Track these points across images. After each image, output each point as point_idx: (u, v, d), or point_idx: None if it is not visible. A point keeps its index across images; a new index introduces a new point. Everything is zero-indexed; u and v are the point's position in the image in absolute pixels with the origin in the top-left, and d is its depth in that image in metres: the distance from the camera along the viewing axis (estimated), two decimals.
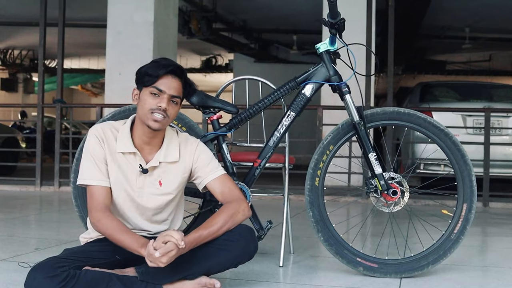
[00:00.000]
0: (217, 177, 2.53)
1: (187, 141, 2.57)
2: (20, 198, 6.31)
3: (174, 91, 2.41)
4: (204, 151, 2.58)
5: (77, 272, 2.19)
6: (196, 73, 18.21)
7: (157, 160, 2.47)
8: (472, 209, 2.86)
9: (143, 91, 2.42)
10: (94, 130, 2.47)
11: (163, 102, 2.38)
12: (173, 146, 2.51)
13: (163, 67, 2.40)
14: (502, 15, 11.26)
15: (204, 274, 2.37)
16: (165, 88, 2.39)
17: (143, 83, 2.42)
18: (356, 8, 7.31)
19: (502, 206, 6.38)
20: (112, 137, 2.46)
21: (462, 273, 3.00)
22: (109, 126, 2.50)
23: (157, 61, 2.44)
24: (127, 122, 2.51)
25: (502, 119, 7.00)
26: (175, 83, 2.42)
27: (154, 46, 8.21)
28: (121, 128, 2.49)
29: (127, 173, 2.45)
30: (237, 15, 12.48)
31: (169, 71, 2.40)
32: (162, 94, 2.39)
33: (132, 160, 2.46)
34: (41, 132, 7.33)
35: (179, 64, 2.48)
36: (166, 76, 2.40)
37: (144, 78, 2.41)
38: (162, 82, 2.39)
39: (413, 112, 2.93)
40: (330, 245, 2.88)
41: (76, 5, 10.17)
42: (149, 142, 2.47)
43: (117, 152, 2.45)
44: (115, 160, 2.45)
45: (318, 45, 2.95)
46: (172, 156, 2.50)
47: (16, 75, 20.19)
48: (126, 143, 2.45)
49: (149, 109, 2.38)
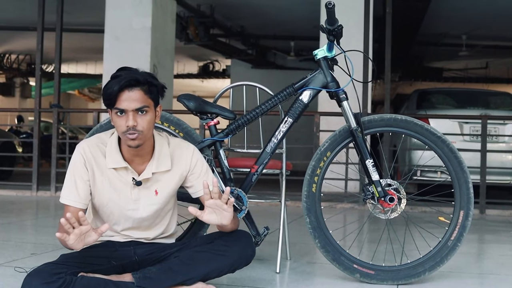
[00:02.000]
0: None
1: (181, 147, 2.53)
2: (16, 202, 6.30)
3: (137, 103, 2.29)
4: (200, 158, 2.55)
5: (74, 278, 2.18)
6: (194, 79, 18.24)
7: (150, 171, 2.43)
8: (469, 216, 2.86)
9: (111, 112, 2.34)
10: (81, 148, 2.42)
11: (130, 120, 2.28)
12: (164, 155, 2.46)
13: (116, 84, 2.27)
14: (498, 23, 11.30)
15: (201, 279, 2.37)
16: (125, 106, 2.28)
17: (108, 105, 2.34)
18: (353, 15, 7.33)
19: (498, 213, 6.38)
20: (100, 154, 2.42)
21: (459, 280, 3.00)
22: (96, 141, 2.44)
23: (115, 76, 2.33)
24: (114, 134, 2.44)
25: (498, 126, 7.01)
26: (135, 95, 2.29)
27: (152, 51, 8.22)
28: (108, 142, 2.43)
29: (121, 188, 2.42)
30: (234, 21, 12.49)
31: (123, 86, 2.27)
32: (125, 112, 2.29)
33: (124, 174, 2.42)
34: (37, 137, 7.32)
35: (134, 73, 2.33)
36: (123, 92, 2.28)
37: (106, 101, 2.33)
38: (121, 100, 2.28)
39: (410, 119, 2.93)
40: (327, 252, 2.87)
41: (74, 10, 10.18)
42: (138, 154, 2.42)
43: (108, 168, 2.41)
44: (106, 177, 2.41)
45: (316, 51, 2.95)
46: (165, 165, 2.46)
47: (13, 79, 20.16)
48: (116, 158, 2.40)
49: (121, 132, 2.32)
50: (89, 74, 18.96)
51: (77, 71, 19.16)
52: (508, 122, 7.00)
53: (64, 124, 10.23)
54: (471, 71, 16.51)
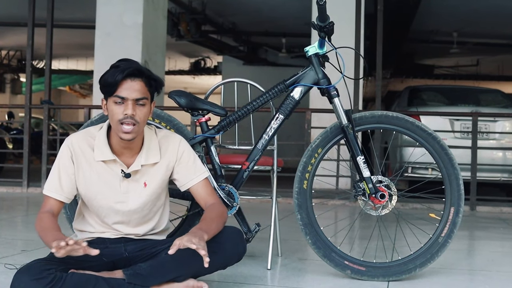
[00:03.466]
0: (201, 181, 2.53)
1: (168, 138, 2.54)
2: (6, 199, 6.27)
3: (138, 93, 2.33)
4: (187, 148, 2.56)
5: (64, 274, 2.17)
6: (185, 75, 18.21)
7: (139, 164, 2.44)
8: (460, 212, 2.87)
9: (108, 101, 2.36)
10: (68, 142, 2.45)
11: (129, 108, 2.31)
12: (153, 147, 2.48)
13: (120, 72, 2.32)
14: (489, 21, 11.35)
15: (192, 276, 2.37)
16: (127, 94, 2.32)
17: (106, 93, 2.37)
18: (345, 11, 7.34)
19: (489, 210, 6.41)
20: (88, 148, 2.43)
21: (450, 276, 3.01)
22: (84, 135, 2.46)
23: (115, 66, 2.37)
24: (103, 127, 2.46)
25: (489, 123, 7.04)
26: (137, 85, 2.34)
27: (143, 47, 8.20)
28: (97, 135, 2.45)
29: (110, 180, 2.43)
30: (226, 18, 12.49)
31: (127, 75, 2.32)
32: (125, 100, 2.32)
33: (113, 166, 2.43)
34: (28, 133, 7.29)
35: (137, 64, 2.39)
36: (125, 80, 2.32)
37: (105, 88, 2.35)
38: (123, 88, 2.32)
39: (402, 116, 2.94)
40: (318, 248, 2.88)
41: (65, 6, 10.13)
42: (128, 147, 2.43)
43: (96, 161, 2.42)
44: (94, 170, 2.42)
45: (307, 48, 2.95)
46: (154, 157, 2.47)
47: (3, 75, 20.09)
48: (104, 151, 2.41)
49: (117, 120, 2.33)
50: (80, 70, 18.91)
51: (68, 67, 19.10)
52: (499, 119, 7.03)
53: (55, 121, 10.18)
54: (462, 68, 16.58)
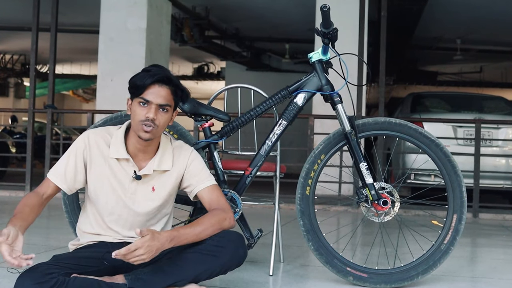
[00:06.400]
0: (208, 186, 2.54)
1: (181, 148, 2.59)
2: (9, 203, 6.27)
3: (162, 100, 2.40)
4: (197, 158, 2.59)
5: (66, 279, 2.18)
6: (188, 81, 18.21)
7: (151, 168, 2.48)
8: (462, 219, 2.87)
9: (134, 101, 2.44)
10: (85, 136, 2.50)
11: (151, 112, 2.38)
12: (167, 155, 2.53)
13: (150, 77, 2.39)
14: (493, 28, 11.35)
15: (193, 281, 2.37)
16: (152, 98, 2.39)
17: (133, 94, 2.44)
18: (348, 18, 7.35)
19: (491, 217, 6.40)
20: (104, 144, 2.48)
21: (452, 283, 3.00)
22: (102, 132, 2.52)
23: (147, 70, 2.44)
24: (122, 127, 2.52)
25: (492, 130, 7.03)
26: (163, 92, 2.41)
27: (147, 53, 8.22)
28: (115, 133, 2.51)
29: (120, 178, 2.47)
30: (229, 23, 12.50)
31: (156, 80, 2.39)
32: (149, 104, 2.39)
33: (125, 165, 2.47)
34: (31, 137, 7.30)
35: (168, 71, 2.46)
36: (153, 85, 2.39)
37: (133, 89, 2.42)
38: (149, 92, 2.39)
39: (404, 123, 2.94)
40: (320, 254, 2.88)
41: (69, 10, 10.17)
42: (144, 149, 2.48)
43: (111, 158, 2.46)
44: (107, 165, 2.47)
45: (311, 54, 2.96)
46: (166, 164, 2.51)
47: (7, 79, 20.12)
48: (119, 149, 2.46)
49: (139, 120, 2.39)
50: (83, 75, 18.93)
51: (71, 71, 19.13)
52: (502, 126, 7.02)
53: (58, 125, 10.21)
54: (465, 75, 16.56)
